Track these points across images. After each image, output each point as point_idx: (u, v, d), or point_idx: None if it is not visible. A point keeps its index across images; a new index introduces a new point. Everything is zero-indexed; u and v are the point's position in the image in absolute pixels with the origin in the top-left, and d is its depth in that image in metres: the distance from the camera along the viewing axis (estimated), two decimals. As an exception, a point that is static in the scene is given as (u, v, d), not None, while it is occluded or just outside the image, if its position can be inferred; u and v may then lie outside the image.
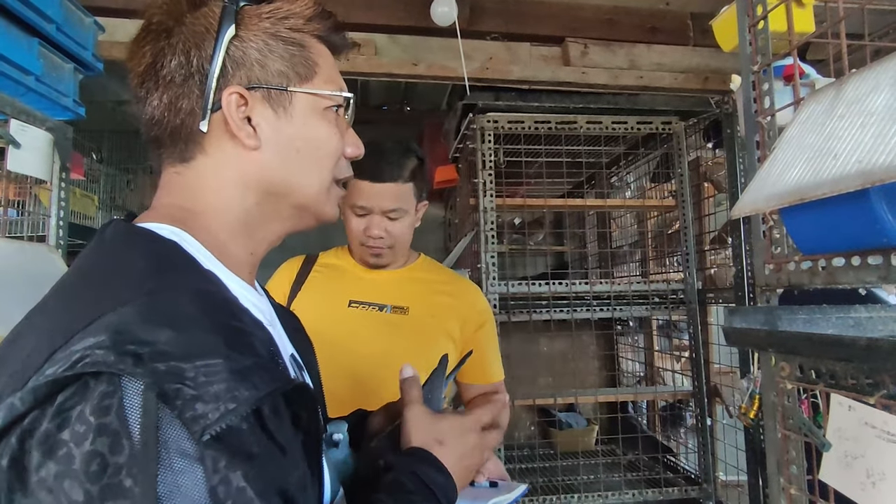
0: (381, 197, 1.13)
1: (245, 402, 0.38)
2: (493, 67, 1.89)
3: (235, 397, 0.38)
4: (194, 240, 0.50)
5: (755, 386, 0.97)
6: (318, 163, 0.56)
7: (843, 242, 0.63)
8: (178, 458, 0.36)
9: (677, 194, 2.23)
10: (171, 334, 0.39)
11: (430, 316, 1.20)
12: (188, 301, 0.42)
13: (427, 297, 1.22)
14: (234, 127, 0.51)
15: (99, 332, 0.38)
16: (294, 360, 0.62)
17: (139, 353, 0.37)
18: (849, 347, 0.63)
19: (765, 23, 0.84)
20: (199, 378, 0.38)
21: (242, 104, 0.51)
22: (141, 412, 0.36)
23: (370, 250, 1.18)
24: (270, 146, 0.53)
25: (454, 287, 1.26)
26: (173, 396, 0.37)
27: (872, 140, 0.54)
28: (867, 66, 0.65)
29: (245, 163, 0.53)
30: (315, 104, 0.55)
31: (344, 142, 0.58)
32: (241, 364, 0.40)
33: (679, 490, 2.08)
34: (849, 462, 0.68)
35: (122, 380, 0.36)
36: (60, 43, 1.31)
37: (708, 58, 1.96)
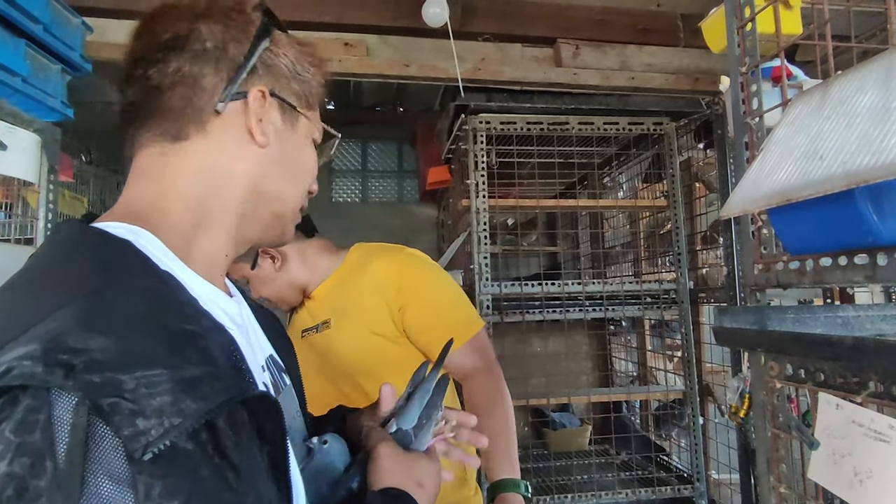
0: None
1: (192, 415, 0.35)
2: (484, 68, 1.89)
3: (181, 411, 0.35)
4: (155, 238, 0.48)
5: (745, 385, 0.97)
6: (301, 181, 0.60)
7: (829, 242, 0.64)
8: (107, 482, 0.33)
9: (669, 194, 2.24)
10: (108, 341, 0.36)
11: (351, 322, 1.11)
12: (132, 302, 0.39)
13: (346, 300, 1.13)
14: (253, 120, 0.52)
15: (31, 341, 0.35)
16: (273, 361, 0.63)
17: (71, 364, 0.34)
18: (836, 347, 0.64)
19: (753, 25, 0.85)
20: (140, 390, 0.34)
21: (263, 104, 0.54)
22: (69, 429, 0.33)
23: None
24: (274, 150, 0.55)
25: (368, 273, 1.12)
26: (109, 411, 0.33)
27: (857, 141, 0.55)
28: (853, 68, 0.65)
29: (247, 156, 0.53)
30: (309, 131, 0.60)
31: None
32: (188, 373, 0.37)
33: (672, 489, 2.09)
34: (836, 460, 0.68)
35: (52, 394, 0.33)
36: (48, 44, 1.30)
37: (698, 59, 1.98)
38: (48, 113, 1.37)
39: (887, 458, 0.61)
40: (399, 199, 3.89)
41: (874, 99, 0.57)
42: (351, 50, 1.82)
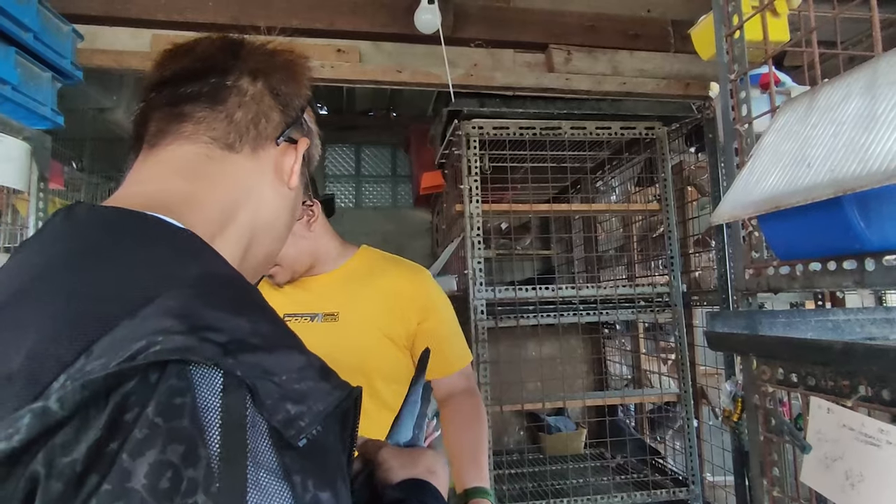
0: None
1: (333, 401, 0.34)
2: (477, 74, 1.90)
3: (325, 396, 0.34)
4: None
5: (738, 389, 0.98)
6: (287, 229, 0.61)
7: (818, 248, 0.64)
8: (266, 474, 0.30)
9: (661, 198, 2.25)
10: (241, 321, 0.33)
11: (363, 319, 1.10)
12: (242, 287, 0.38)
13: (359, 298, 1.12)
14: (296, 164, 0.56)
15: (161, 315, 0.31)
16: None
17: (219, 341, 0.31)
18: (826, 351, 0.64)
19: (741, 32, 0.86)
20: (283, 374, 0.33)
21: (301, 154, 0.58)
22: (221, 412, 0.30)
23: None
24: (293, 197, 0.59)
25: (390, 279, 1.14)
26: (263, 395, 0.31)
27: (844, 149, 0.56)
28: (839, 76, 0.66)
29: (272, 189, 0.55)
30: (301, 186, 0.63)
31: None
32: (318, 360, 0.36)
33: (667, 492, 2.09)
34: (828, 464, 0.69)
35: (196, 371, 0.30)
36: (38, 52, 1.29)
37: (689, 64, 1.99)
38: (38, 121, 1.36)
39: (878, 462, 0.61)
40: (393, 204, 3.89)
41: (860, 106, 0.58)
42: (343, 56, 1.83)
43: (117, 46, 1.73)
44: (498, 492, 2.02)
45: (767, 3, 0.84)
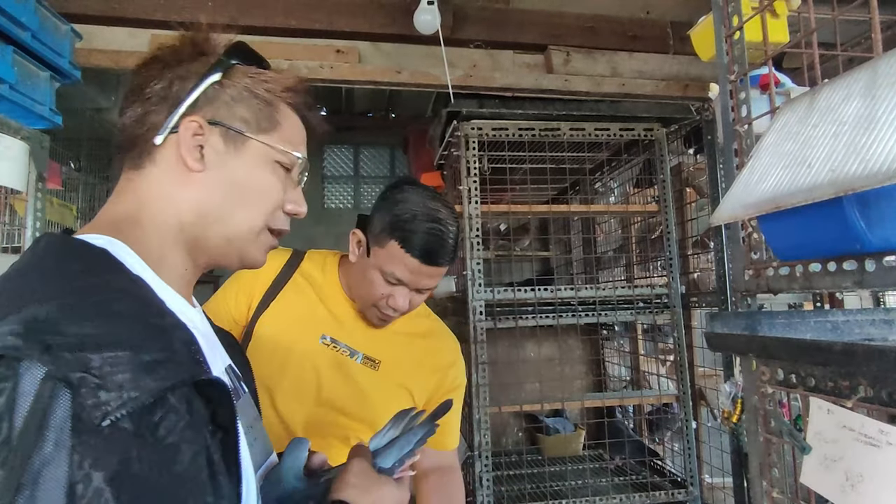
0: (428, 277, 1.03)
1: (149, 391, 0.40)
2: (476, 75, 1.90)
3: (139, 386, 0.40)
4: (129, 248, 0.55)
5: (737, 390, 0.98)
6: (253, 205, 0.61)
7: (818, 249, 0.64)
8: (53, 447, 0.37)
9: (660, 199, 2.25)
10: (85, 328, 0.41)
11: (401, 374, 1.11)
12: (113, 298, 0.46)
13: (402, 353, 1.12)
14: (184, 148, 0.58)
15: (14, 321, 0.40)
16: (232, 370, 0.69)
17: (49, 343, 0.39)
18: (825, 352, 0.64)
19: (740, 33, 0.86)
20: (105, 367, 0.39)
21: (200, 133, 0.59)
22: (33, 398, 0.37)
23: (381, 315, 1.06)
24: (213, 174, 0.59)
25: (434, 343, 1.16)
26: (77, 384, 0.38)
27: (844, 149, 0.56)
28: (839, 77, 0.66)
29: (186, 181, 0.59)
30: (266, 155, 0.62)
31: (286, 197, 0.64)
32: (149, 357, 0.42)
33: (666, 493, 2.09)
34: (828, 465, 0.69)
35: (22, 364, 0.38)
36: (36, 51, 1.29)
37: (688, 65, 2.00)
38: (36, 120, 1.35)
39: (878, 463, 0.61)
40: (391, 205, 3.89)
41: (860, 107, 0.58)
42: (342, 56, 1.82)
43: (115, 46, 1.73)
44: (496, 493, 2.01)
45: (767, 5, 0.84)
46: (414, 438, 0.70)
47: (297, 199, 0.66)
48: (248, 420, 0.67)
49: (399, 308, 1.03)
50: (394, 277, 1.01)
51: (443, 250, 1.01)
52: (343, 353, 1.08)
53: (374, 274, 1.02)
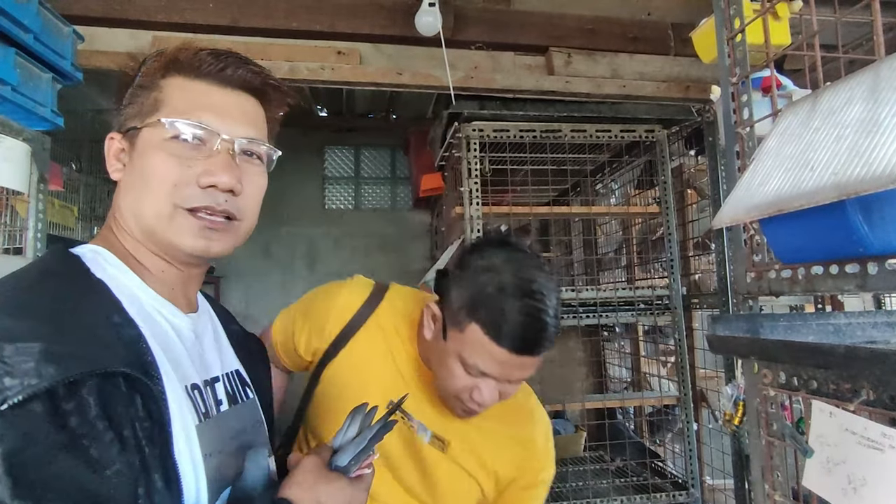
0: (520, 369, 0.82)
1: (49, 378, 0.43)
2: (477, 76, 1.90)
3: (41, 374, 0.43)
4: (111, 255, 0.61)
5: (739, 392, 0.98)
6: (150, 190, 0.60)
7: (820, 252, 0.64)
8: None
9: (661, 201, 2.25)
10: (8, 321, 0.46)
11: (471, 461, 0.93)
12: (39, 299, 0.51)
13: (477, 438, 0.94)
14: (107, 163, 0.63)
15: None
16: (237, 376, 0.70)
17: None
18: (828, 355, 0.64)
19: (742, 36, 0.86)
20: (15, 357, 0.43)
21: (119, 147, 0.63)
22: None
23: (465, 408, 0.87)
24: (125, 177, 0.63)
25: (516, 434, 0.96)
26: None
27: (847, 152, 0.56)
28: (842, 79, 0.66)
29: (119, 191, 0.64)
30: (153, 137, 0.60)
31: (192, 171, 0.59)
32: (60, 348, 0.45)
33: (667, 495, 2.09)
34: (830, 468, 0.69)
35: None
36: (38, 52, 1.29)
37: (689, 67, 2.00)
38: (38, 122, 1.35)
39: (881, 466, 0.61)
40: (392, 206, 3.89)
41: (862, 111, 0.58)
42: (344, 58, 1.83)
43: (116, 48, 1.73)
44: None
45: (769, 7, 0.84)
46: (369, 434, 0.66)
47: (210, 168, 0.59)
48: (242, 425, 0.66)
49: (485, 403, 0.84)
50: (477, 370, 0.81)
51: (542, 335, 0.78)
52: (411, 427, 0.92)
53: (453, 362, 0.83)
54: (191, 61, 0.62)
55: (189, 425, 0.56)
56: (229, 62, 0.63)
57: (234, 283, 3.58)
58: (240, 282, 3.59)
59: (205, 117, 0.60)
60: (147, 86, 0.62)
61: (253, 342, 0.82)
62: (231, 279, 3.59)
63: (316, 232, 3.59)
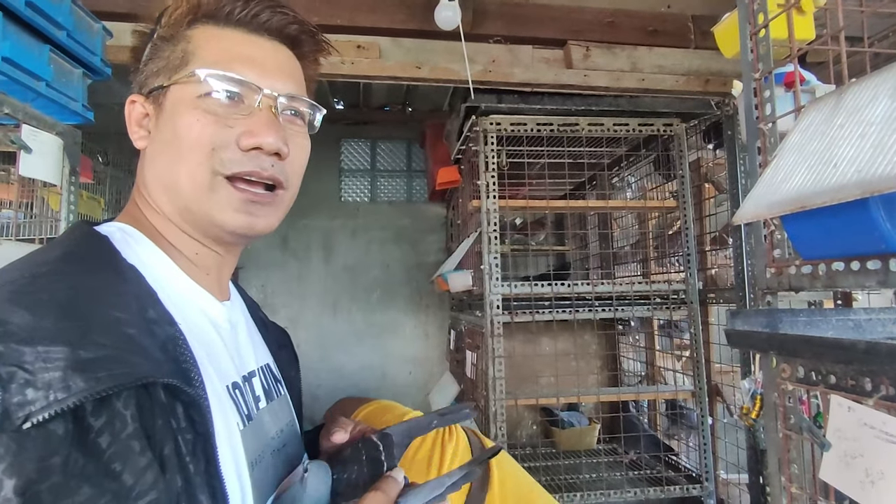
0: None
1: (78, 393, 0.36)
2: (495, 70, 1.91)
3: (68, 387, 0.36)
4: (140, 234, 0.53)
5: (757, 387, 0.98)
6: (184, 156, 0.52)
7: (842, 248, 0.65)
8: None
9: (678, 195, 2.24)
10: (26, 317, 0.38)
11: None
12: (63, 288, 0.42)
13: None
14: (128, 128, 0.56)
15: None
16: (269, 370, 0.65)
17: None
18: (848, 350, 0.65)
19: (766, 31, 0.86)
20: (37, 363, 0.36)
21: (143, 112, 0.56)
22: None
23: None
24: (152, 142, 0.55)
25: None
26: (7, 379, 0.35)
27: (871, 150, 0.56)
28: (866, 76, 0.66)
29: (144, 159, 0.57)
30: (184, 94, 0.53)
31: (231, 131, 0.52)
32: (88, 354, 0.38)
33: (681, 488, 2.10)
34: (848, 462, 0.70)
35: None
36: (70, 49, 1.33)
37: (709, 60, 1.98)
38: (70, 116, 1.40)
39: (899, 460, 0.62)
40: (408, 199, 3.91)
41: (887, 108, 0.58)
42: (363, 52, 1.84)
43: (143, 43, 1.76)
44: None
45: (794, 2, 0.84)
46: (448, 481, 0.59)
47: (252, 128, 0.52)
48: (280, 425, 0.62)
49: None
50: None
51: None
52: None
53: None
54: (220, 5, 0.54)
55: (233, 431, 0.50)
56: (262, 6, 0.55)
57: (254, 274, 3.63)
58: (259, 273, 3.65)
59: (242, 70, 0.53)
60: (171, 37, 0.55)
61: (280, 332, 0.76)
62: (250, 270, 3.64)
63: (332, 224, 3.63)
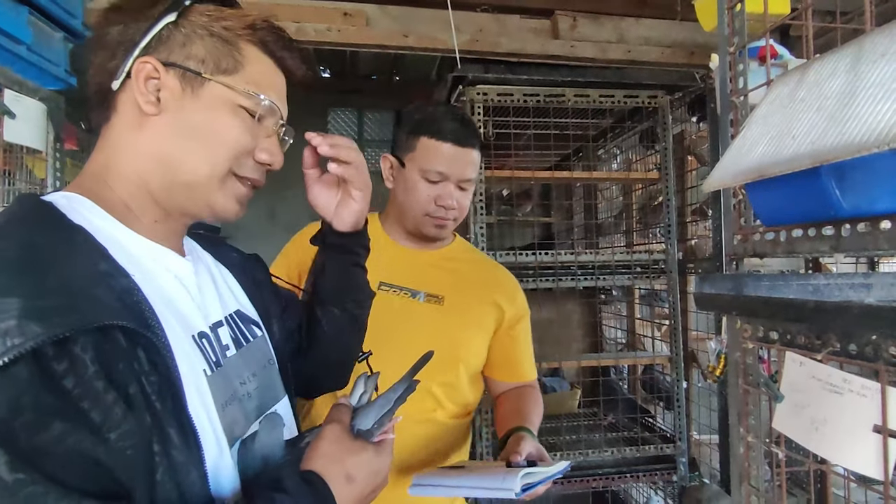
0: (463, 163, 1.06)
1: (35, 337, 0.39)
2: (482, 39, 1.91)
3: (24, 332, 0.39)
4: (90, 203, 0.55)
5: (722, 346, 1.05)
6: (211, 149, 0.58)
7: (799, 215, 0.70)
8: None
9: (661, 167, 2.28)
10: None
11: (466, 307, 1.11)
12: (11, 246, 0.46)
13: (464, 286, 1.13)
14: (137, 91, 0.56)
15: None
16: (238, 316, 0.67)
17: None
18: (799, 309, 0.70)
19: (742, 6, 0.89)
20: None
21: (155, 76, 0.56)
22: None
23: (436, 221, 1.07)
24: (169, 116, 0.57)
25: (493, 276, 1.18)
26: None
27: (825, 122, 0.60)
28: (829, 52, 0.70)
29: (143, 126, 0.57)
30: (227, 96, 0.58)
31: (255, 143, 0.61)
32: (42, 303, 0.41)
33: (655, 448, 2.21)
34: (797, 411, 0.76)
35: None
36: (50, 11, 1.31)
37: (694, 32, 1.99)
38: (52, 81, 1.39)
39: (839, 408, 0.69)
40: (395, 170, 3.92)
41: (843, 83, 0.62)
42: (350, 20, 1.83)
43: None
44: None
45: (769, -23, 0.86)
46: (393, 396, 0.63)
47: (270, 148, 0.62)
48: (252, 368, 0.65)
49: (448, 205, 1.06)
50: (435, 172, 1.04)
51: (469, 129, 1.07)
52: (405, 295, 1.09)
53: (415, 180, 1.06)
54: (273, 38, 0.62)
55: (199, 376, 0.54)
56: (294, 50, 0.64)
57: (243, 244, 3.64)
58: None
59: (273, 97, 0.61)
60: (226, 39, 0.58)
61: (256, 267, 0.81)
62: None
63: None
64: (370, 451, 0.60)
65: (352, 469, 0.57)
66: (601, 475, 2.15)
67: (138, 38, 0.56)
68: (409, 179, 1.06)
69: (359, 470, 0.57)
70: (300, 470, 0.56)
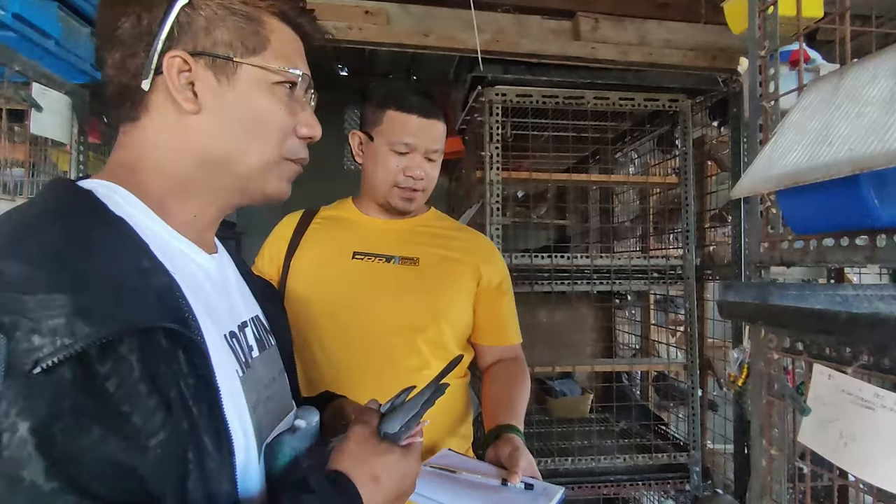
0: (429, 134, 1.09)
1: (85, 337, 0.38)
2: (502, 40, 1.90)
3: (73, 332, 0.38)
4: (127, 192, 0.53)
5: (745, 356, 1.03)
6: (259, 136, 0.56)
7: (832, 224, 0.68)
8: None
9: (680, 171, 2.25)
10: (20, 266, 0.39)
11: (443, 268, 1.13)
12: (57, 238, 0.43)
13: (438, 249, 1.15)
14: (174, 89, 0.52)
15: None
16: (259, 321, 0.66)
17: None
18: (831, 321, 0.69)
19: (774, 9, 0.87)
20: (39, 311, 0.38)
21: (186, 69, 0.53)
22: None
23: (404, 193, 1.10)
24: (211, 113, 0.54)
25: (468, 240, 1.19)
26: (10, 327, 0.37)
27: (865, 129, 0.58)
28: (868, 56, 0.68)
29: (184, 126, 0.54)
30: (261, 77, 0.55)
31: (295, 120, 0.59)
32: (87, 300, 0.40)
33: (668, 456, 2.18)
34: (824, 425, 0.74)
35: None
36: (78, 6, 1.33)
37: (717, 35, 1.96)
38: (78, 75, 1.40)
39: (871, 423, 0.67)
40: (410, 169, 3.91)
41: (884, 89, 0.60)
42: (371, 18, 1.83)
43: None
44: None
45: (803, -21, 0.84)
46: (421, 399, 0.63)
47: (308, 120, 0.60)
48: (268, 376, 0.63)
49: (416, 175, 1.09)
50: (402, 144, 1.08)
51: (433, 102, 1.10)
52: (379, 261, 1.11)
53: (383, 152, 1.09)
54: (290, 5, 0.58)
55: (233, 378, 0.53)
56: (310, 15, 0.61)
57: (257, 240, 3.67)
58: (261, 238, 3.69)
59: (302, 68, 0.59)
60: (248, 15, 0.55)
61: (265, 286, 0.79)
62: (252, 236, 3.67)
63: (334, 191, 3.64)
64: (397, 453, 0.59)
65: (378, 470, 0.56)
66: (612, 482, 2.13)
67: (156, 29, 0.51)
68: (378, 152, 1.10)
69: (385, 471, 0.56)
70: (327, 471, 0.55)
